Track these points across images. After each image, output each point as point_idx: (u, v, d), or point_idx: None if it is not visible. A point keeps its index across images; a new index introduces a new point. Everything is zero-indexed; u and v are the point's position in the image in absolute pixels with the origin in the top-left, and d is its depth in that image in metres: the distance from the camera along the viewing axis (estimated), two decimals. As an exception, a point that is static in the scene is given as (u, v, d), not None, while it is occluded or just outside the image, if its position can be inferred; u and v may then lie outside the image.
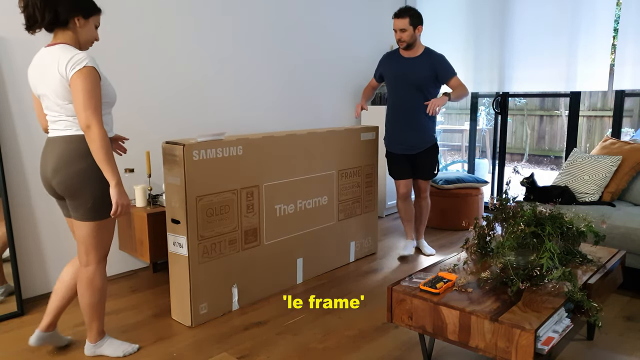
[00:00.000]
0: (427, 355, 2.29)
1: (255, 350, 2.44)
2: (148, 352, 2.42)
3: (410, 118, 3.53)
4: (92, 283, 2.24)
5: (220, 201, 2.72)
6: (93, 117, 1.98)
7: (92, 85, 1.99)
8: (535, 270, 2.01)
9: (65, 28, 2.07)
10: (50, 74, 2.02)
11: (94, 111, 1.99)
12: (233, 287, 2.85)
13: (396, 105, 3.59)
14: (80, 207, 2.12)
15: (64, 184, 2.09)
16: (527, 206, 2.21)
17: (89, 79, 1.99)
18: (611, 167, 3.45)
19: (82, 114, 1.98)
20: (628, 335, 2.54)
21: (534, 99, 8.75)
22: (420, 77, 3.45)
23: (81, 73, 1.98)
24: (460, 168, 7.01)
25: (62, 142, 2.10)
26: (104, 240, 2.23)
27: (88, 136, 2.01)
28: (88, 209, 2.12)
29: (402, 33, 3.40)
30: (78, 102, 1.98)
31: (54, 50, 2.04)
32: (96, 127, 1.99)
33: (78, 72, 1.97)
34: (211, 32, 3.72)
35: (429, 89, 3.49)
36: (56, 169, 2.09)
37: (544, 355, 1.75)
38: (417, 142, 3.56)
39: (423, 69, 3.45)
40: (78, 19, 2.07)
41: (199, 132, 3.25)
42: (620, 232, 2.98)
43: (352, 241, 3.65)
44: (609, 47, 4.06)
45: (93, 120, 1.98)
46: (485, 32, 4.76)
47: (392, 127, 3.64)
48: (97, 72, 2.03)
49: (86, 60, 1.99)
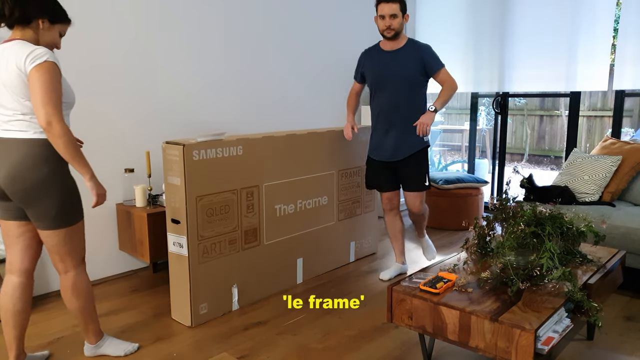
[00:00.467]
0: (427, 355, 2.29)
1: (255, 350, 2.43)
2: (148, 352, 2.42)
3: (397, 118, 3.11)
4: (75, 288, 2.15)
5: (220, 201, 2.72)
6: (54, 112, 1.87)
7: (52, 80, 1.89)
8: (535, 270, 2.01)
9: (27, 26, 1.98)
10: (8, 68, 1.90)
11: (54, 107, 1.88)
12: (233, 287, 2.85)
13: (381, 106, 3.16)
14: (44, 216, 2.00)
15: (23, 192, 1.95)
16: (527, 206, 2.21)
17: (50, 74, 1.88)
18: (611, 167, 3.45)
19: (41, 110, 1.86)
20: (628, 335, 2.54)
21: (534, 99, 8.75)
22: (407, 70, 3.06)
23: (41, 67, 1.87)
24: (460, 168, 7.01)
25: (18, 146, 1.94)
26: (77, 244, 2.13)
27: (50, 133, 1.89)
28: (53, 217, 2.01)
29: (393, 20, 2.99)
30: (36, 98, 1.87)
31: (12, 45, 1.93)
32: (58, 124, 1.88)
33: (38, 66, 1.87)
34: (211, 32, 3.72)
35: (417, 84, 3.10)
36: (13, 177, 1.94)
37: (544, 355, 1.75)
38: (403, 145, 3.12)
39: (409, 61, 3.05)
40: (43, 21, 2.00)
41: (199, 132, 3.25)
42: (620, 232, 2.98)
43: (352, 241, 3.65)
44: (609, 47, 4.06)
45: (54, 116, 1.87)
46: (485, 32, 4.76)
47: (377, 131, 3.22)
48: (58, 68, 1.94)
49: (47, 55, 1.90)
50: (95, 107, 3.17)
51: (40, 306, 2.91)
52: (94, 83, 3.16)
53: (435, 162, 6.55)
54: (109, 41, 3.19)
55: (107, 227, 3.31)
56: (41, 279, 3.04)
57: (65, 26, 2.10)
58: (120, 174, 3.32)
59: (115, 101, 3.27)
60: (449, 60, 3.51)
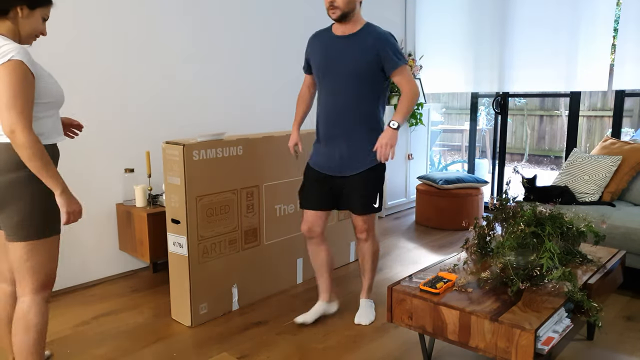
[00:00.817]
0: (427, 355, 2.29)
1: (255, 350, 2.43)
2: (148, 352, 2.42)
3: (345, 123, 2.47)
4: (25, 319, 1.82)
5: (220, 201, 2.72)
6: (18, 120, 1.64)
7: (17, 81, 1.66)
8: (535, 270, 2.01)
9: (4, 17, 1.75)
10: None
11: (20, 113, 1.65)
12: (233, 287, 2.85)
13: (325, 106, 2.53)
14: (7, 224, 1.78)
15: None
16: (527, 206, 2.21)
17: (15, 75, 1.65)
18: (611, 167, 3.45)
19: (4, 115, 1.65)
20: (628, 335, 2.54)
21: (534, 99, 8.75)
22: (356, 62, 2.40)
23: (5, 67, 1.65)
24: (460, 168, 7.01)
25: None
26: (41, 264, 1.82)
27: (14, 143, 1.67)
28: (14, 226, 1.77)
29: None
30: (0, 102, 1.65)
31: None
32: (22, 132, 1.65)
33: (1, 66, 1.65)
34: (211, 32, 3.72)
35: (369, 81, 2.44)
36: None
37: (544, 355, 1.75)
38: (352, 161, 2.49)
39: (362, 50, 2.40)
40: (22, 8, 1.76)
41: (199, 132, 3.25)
42: (620, 232, 2.98)
43: (352, 241, 3.65)
44: (608, 47, 4.06)
45: (18, 124, 1.65)
46: (485, 32, 4.76)
47: (319, 137, 2.60)
48: (26, 67, 1.69)
49: (13, 52, 1.66)
50: (95, 107, 3.17)
51: (40, 306, 2.91)
52: (94, 83, 3.16)
53: (436, 162, 6.56)
54: (109, 41, 3.19)
55: (107, 227, 3.31)
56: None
57: (46, 9, 1.86)
58: (120, 174, 3.32)
59: (115, 101, 3.27)
60: (449, 60, 3.51)
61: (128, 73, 3.31)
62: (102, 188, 3.25)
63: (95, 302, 2.97)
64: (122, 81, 3.28)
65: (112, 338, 2.55)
